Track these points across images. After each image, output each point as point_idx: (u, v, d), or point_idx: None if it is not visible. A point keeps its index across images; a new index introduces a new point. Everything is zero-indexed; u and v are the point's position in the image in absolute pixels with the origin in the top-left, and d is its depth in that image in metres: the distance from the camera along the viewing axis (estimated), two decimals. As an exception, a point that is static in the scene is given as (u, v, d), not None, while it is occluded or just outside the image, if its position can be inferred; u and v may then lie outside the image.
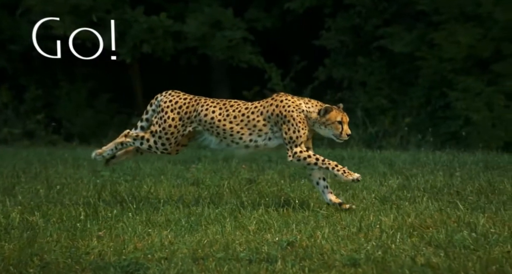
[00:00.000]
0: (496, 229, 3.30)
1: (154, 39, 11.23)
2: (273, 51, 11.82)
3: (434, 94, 10.03)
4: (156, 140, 3.93)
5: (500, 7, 8.89)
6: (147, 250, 2.83)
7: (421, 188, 4.43)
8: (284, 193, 4.18)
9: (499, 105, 8.98)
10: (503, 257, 2.84)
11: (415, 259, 2.80)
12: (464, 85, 9.26)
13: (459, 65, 9.36)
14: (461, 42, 9.15)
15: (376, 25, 10.48)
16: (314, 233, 3.23)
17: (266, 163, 5.82)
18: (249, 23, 11.67)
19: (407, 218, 3.56)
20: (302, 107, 3.80)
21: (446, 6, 9.44)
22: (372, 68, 10.66)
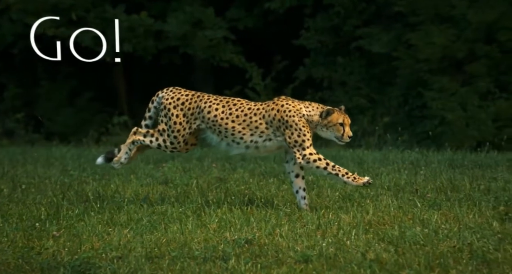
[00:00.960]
0: (447, 225, 3.43)
1: (135, 38, 11.25)
2: (254, 51, 11.91)
3: (411, 94, 10.20)
4: (165, 138, 3.90)
5: (473, 9, 9.09)
6: (103, 249, 2.87)
7: (385, 186, 4.55)
8: (250, 192, 4.26)
9: (473, 105, 9.17)
10: (448, 251, 2.97)
11: (365, 255, 2.91)
12: (439, 86, 9.44)
13: (434, 65, 9.53)
14: (436, 43, 9.32)
15: (355, 25, 10.62)
16: (274, 230, 3.31)
17: (239, 162, 5.91)
18: (230, 23, 11.73)
19: (365, 215, 3.67)
20: (302, 111, 3.81)
21: (422, 7, 9.61)
22: (351, 68, 10.81)
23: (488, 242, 3.06)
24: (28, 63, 11.70)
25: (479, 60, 9.18)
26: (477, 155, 6.52)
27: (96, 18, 11.16)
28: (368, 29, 10.38)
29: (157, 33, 11.55)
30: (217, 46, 11.44)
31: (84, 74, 11.99)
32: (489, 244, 3.04)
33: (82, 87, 12.04)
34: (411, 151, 6.88)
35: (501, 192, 4.16)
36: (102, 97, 12.08)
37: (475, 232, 3.27)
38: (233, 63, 11.38)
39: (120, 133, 11.04)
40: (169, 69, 13.30)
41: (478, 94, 9.18)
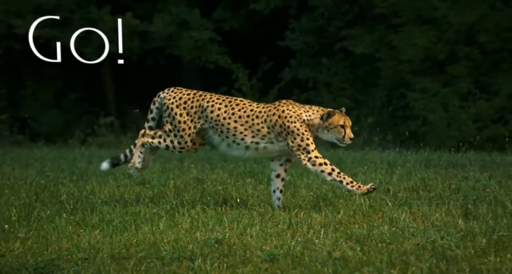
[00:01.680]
0: (415, 224, 3.51)
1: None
2: (241, 52, 11.97)
3: (394, 94, 10.31)
4: (172, 138, 3.90)
5: (454, 11, 9.22)
6: (70, 250, 2.88)
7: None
8: (226, 192, 4.31)
9: (454, 105, 9.30)
10: (411, 249, 3.05)
11: (331, 253, 2.98)
12: (421, 86, 9.56)
13: (416, 66, 9.65)
14: (418, 44, 9.44)
15: (339, 26, 10.72)
16: (245, 230, 3.35)
17: (220, 162, 5.96)
18: (216, 24, 11.79)
19: (336, 214, 3.75)
20: (303, 117, 3.80)
21: (404, 9, 9.72)
22: (336, 69, 10.91)
23: (450, 240, 3.15)
24: (12, 64, 11.65)
25: (460, 61, 9.32)
26: (453, 154, 6.63)
27: (82, 19, 11.16)
28: (352, 31, 10.48)
29: (142, 34, 11.56)
30: (202, 47, 11.49)
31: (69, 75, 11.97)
32: (451, 241, 3.12)
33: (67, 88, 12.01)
34: (390, 150, 6.97)
35: (470, 191, 4.26)
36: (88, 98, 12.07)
37: (440, 230, 3.35)
38: (219, 64, 11.43)
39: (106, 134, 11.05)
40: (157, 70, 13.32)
41: (459, 95, 9.31)
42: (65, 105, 12.10)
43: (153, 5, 11.93)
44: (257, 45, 12.01)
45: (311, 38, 11.14)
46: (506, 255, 2.89)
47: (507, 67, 9.19)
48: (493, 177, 4.70)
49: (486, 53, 9.23)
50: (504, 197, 3.98)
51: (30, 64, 11.79)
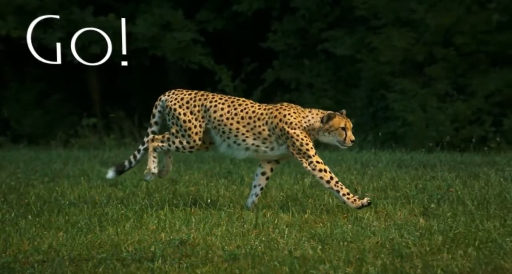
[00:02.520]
0: (377, 223, 3.61)
1: (102, 40, 11.26)
2: (224, 53, 12.03)
3: (375, 95, 10.45)
4: (180, 139, 3.89)
5: (431, 13, 9.37)
6: (29, 253, 2.89)
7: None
8: (198, 193, 4.37)
9: (432, 107, 9.45)
10: (370, 247, 3.14)
11: (292, 252, 3.06)
12: (401, 87, 9.70)
13: (396, 68, 9.79)
14: (397, 46, 9.58)
15: (320, 28, 10.83)
16: (211, 231, 3.40)
17: (196, 163, 6.02)
18: (199, 25, 11.84)
19: (303, 214, 3.83)
20: (303, 124, 3.81)
21: (383, 11, 9.86)
22: (318, 70, 11.02)
23: (408, 238, 3.24)
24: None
25: (438, 63, 9.47)
26: (426, 155, 6.77)
27: (64, 20, 11.15)
28: (333, 32, 10.60)
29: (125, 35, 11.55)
30: (186, 48, 11.53)
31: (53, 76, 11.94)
32: (409, 239, 3.22)
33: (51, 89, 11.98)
34: (366, 151, 7.08)
35: (435, 190, 4.37)
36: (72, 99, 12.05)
37: (400, 228, 3.45)
38: (202, 65, 11.49)
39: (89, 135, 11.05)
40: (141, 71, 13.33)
41: (437, 96, 9.46)
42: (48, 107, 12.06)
43: (137, 6, 11.95)
44: (240, 47, 12.09)
45: (293, 39, 11.24)
46: (458, 252, 3.00)
47: (483, 69, 9.37)
48: (459, 177, 4.82)
49: (463, 55, 9.40)
50: (466, 196, 4.10)
51: (13, 65, 11.74)
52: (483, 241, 3.14)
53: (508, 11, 9.16)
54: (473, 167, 5.29)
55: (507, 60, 9.34)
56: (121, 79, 13.13)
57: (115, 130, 11.15)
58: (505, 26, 9.20)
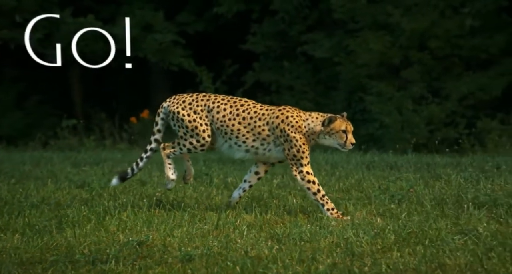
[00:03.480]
0: (335, 222, 3.69)
1: (82, 41, 11.24)
2: (205, 55, 12.08)
3: (353, 98, 10.58)
4: (189, 140, 3.90)
5: (407, 17, 9.53)
6: None
7: (298, 186, 4.79)
8: (163, 194, 4.41)
9: (408, 109, 9.60)
10: (326, 246, 3.22)
11: (247, 252, 3.12)
12: (377, 90, 9.84)
13: (372, 71, 9.93)
14: (373, 49, 9.72)
15: (299, 31, 10.94)
16: (171, 232, 3.43)
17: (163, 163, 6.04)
18: (180, 27, 11.88)
19: (265, 215, 3.89)
20: (303, 129, 3.82)
21: (360, 15, 10.00)
22: (298, 72, 11.12)
23: (363, 237, 3.33)
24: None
25: (413, 66, 9.63)
26: (396, 156, 6.88)
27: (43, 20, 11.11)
28: (312, 35, 10.71)
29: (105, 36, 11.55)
30: (166, 50, 11.56)
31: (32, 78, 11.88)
32: (362, 239, 3.31)
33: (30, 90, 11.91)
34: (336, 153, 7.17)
35: (398, 191, 4.47)
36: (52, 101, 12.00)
37: (357, 228, 3.53)
38: (182, 67, 11.52)
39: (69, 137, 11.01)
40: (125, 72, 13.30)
41: (412, 99, 9.62)
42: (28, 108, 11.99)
43: (118, 7, 11.95)
44: (221, 48, 12.15)
45: (272, 42, 11.33)
46: (406, 250, 3.09)
47: (457, 72, 9.54)
48: (423, 178, 4.93)
49: (437, 59, 9.57)
50: (426, 197, 4.20)
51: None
52: (433, 240, 3.24)
53: (480, 16, 9.36)
54: (437, 168, 5.40)
55: (479, 64, 9.54)
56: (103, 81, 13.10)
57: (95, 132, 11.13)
58: (478, 30, 9.39)
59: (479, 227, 3.38)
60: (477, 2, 9.30)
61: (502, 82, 9.24)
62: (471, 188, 4.35)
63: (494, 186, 4.39)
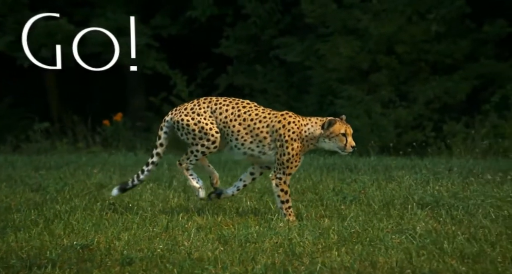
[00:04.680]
0: (283, 224, 3.76)
1: (53, 43, 11.18)
2: (179, 58, 12.11)
3: (325, 101, 10.72)
4: (201, 143, 3.89)
5: (375, 22, 9.71)
6: None
7: (255, 189, 4.86)
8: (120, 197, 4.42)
9: (376, 113, 9.77)
10: (269, 247, 3.29)
11: (190, 255, 3.15)
12: (347, 94, 9.99)
13: (342, 75, 10.08)
14: (343, 53, 9.88)
15: (272, 35, 11.06)
16: (118, 235, 3.44)
17: (130, 167, 6.07)
18: (154, 30, 11.90)
19: (216, 217, 3.95)
20: (303, 135, 3.83)
21: (331, 20, 10.16)
22: (271, 76, 11.22)
23: (306, 238, 3.41)
24: None
25: (381, 70, 9.81)
26: (357, 159, 7.00)
27: (14, 23, 11.04)
28: (284, 39, 10.83)
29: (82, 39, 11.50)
30: (140, 53, 11.56)
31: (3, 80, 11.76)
32: (305, 239, 3.39)
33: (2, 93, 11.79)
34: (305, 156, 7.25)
35: (350, 192, 4.57)
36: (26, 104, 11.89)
37: (303, 228, 3.61)
38: (156, 70, 11.54)
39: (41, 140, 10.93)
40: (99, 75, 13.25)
41: (381, 103, 9.79)
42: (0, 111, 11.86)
43: (91, 10, 11.92)
44: (196, 52, 12.19)
45: (245, 45, 11.43)
46: (343, 249, 3.18)
47: (424, 76, 9.75)
48: (377, 180, 5.05)
49: (404, 63, 9.77)
50: (375, 198, 4.31)
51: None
52: (372, 239, 3.34)
53: (445, 22, 9.59)
54: (394, 170, 5.53)
55: (445, 69, 9.76)
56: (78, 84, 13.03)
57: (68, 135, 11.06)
58: (443, 36, 9.62)
59: (418, 226, 3.49)
60: (442, 8, 9.53)
61: (467, 86, 9.47)
62: (420, 189, 4.47)
63: (441, 187, 4.52)
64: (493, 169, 5.36)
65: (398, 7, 9.62)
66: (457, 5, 9.43)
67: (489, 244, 3.13)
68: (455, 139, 9.00)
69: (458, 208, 3.90)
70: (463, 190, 4.42)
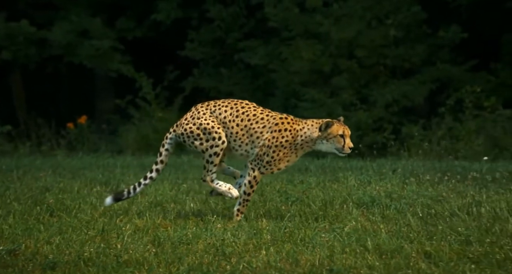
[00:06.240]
0: (221, 225, 3.80)
1: (14, 45, 11.05)
2: (146, 61, 12.07)
3: (289, 104, 10.84)
4: (210, 144, 3.85)
5: (336, 27, 9.88)
6: None
7: (203, 190, 4.89)
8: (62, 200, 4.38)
9: (338, 115, 9.91)
10: (201, 248, 3.32)
11: (120, 257, 3.14)
12: (310, 97, 10.13)
13: (305, 78, 10.22)
14: (304, 57, 10.02)
15: (237, 38, 11.14)
16: (50, 239, 3.39)
17: (80, 170, 6.02)
18: (119, 33, 11.84)
19: (156, 219, 3.95)
20: (298, 140, 3.81)
21: (293, 24, 10.29)
22: (236, 79, 11.28)
23: (238, 238, 3.46)
24: None
25: (342, 74, 9.97)
26: (312, 160, 7.10)
27: (-27, 25, 10.85)
28: (249, 42, 10.93)
29: (39, 41, 11.40)
30: (104, 55, 11.48)
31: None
32: (237, 239, 3.43)
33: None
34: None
35: (294, 193, 4.64)
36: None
37: (238, 229, 3.66)
38: (121, 73, 11.47)
39: (3, 143, 10.73)
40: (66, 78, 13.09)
41: (342, 106, 9.94)
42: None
43: (55, 13, 11.80)
44: (161, 55, 12.18)
45: (210, 49, 11.47)
46: (272, 249, 3.24)
47: (383, 80, 9.96)
48: (323, 181, 5.14)
49: (364, 67, 9.96)
50: (316, 198, 4.40)
51: None
52: (303, 238, 3.41)
53: (402, 27, 9.83)
54: (341, 172, 5.64)
55: (403, 73, 10.00)
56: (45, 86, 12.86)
57: (31, 137, 10.90)
58: (401, 41, 9.85)
59: (348, 225, 3.58)
60: (400, 14, 9.76)
61: (424, 90, 9.71)
62: (360, 190, 4.58)
63: (380, 188, 4.64)
64: (435, 170, 5.51)
65: (358, 12, 9.82)
66: (413, 11, 9.68)
67: (408, 241, 3.24)
68: (413, 141, 9.21)
69: (390, 207, 4.01)
70: (401, 190, 4.55)
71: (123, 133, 10.98)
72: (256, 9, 10.99)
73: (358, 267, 2.87)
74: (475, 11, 9.97)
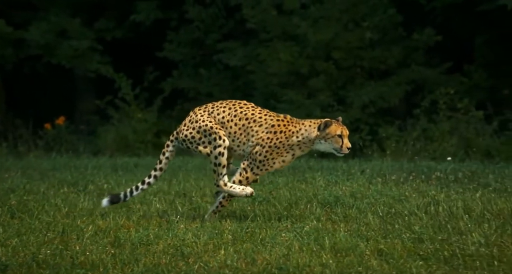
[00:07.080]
0: (184, 225, 3.82)
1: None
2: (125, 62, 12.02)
3: (269, 105, 10.86)
4: (213, 145, 3.83)
5: (313, 29, 9.96)
6: None
7: (172, 191, 4.89)
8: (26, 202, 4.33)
9: (316, 117, 9.98)
10: (162, 249, 3.32)
11: (76, 259, 3.08)
12: (288, 98, 10.18)
13: (282, 79, 10.27)
14: (282, 59, 10.07)
15: (216, 39, 11.15)
16: (7, 240, 3.36)
17: (51, 171, 5.97)
18: (98, 33, 11.78)
19: (119, 220, 3.94)
20: (294, 140, 3.81)
21: (271, 25, 10.35)
22: (216, 80, 11.29)
23: (199, 238, 3.47)
24: None
25: (319, 75, 10.05)
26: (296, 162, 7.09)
27: None
28: (228, 44, 10.95)
29: (17, 41, 11.29)
30: (82, 56, 11.41)
31: None
32: (198, 240, 3.44)
33: None
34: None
35: (262, 194, 4.66)
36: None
37: (200, 229, 3.67)
38: (100, 73, 11.41)
39: (-17, 145, 10.59)
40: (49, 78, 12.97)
41: (320, 107, 10.02)
42: None
43: (34, 13, 11.69)
44: (141, 56, 12.13)
45: (189, 49, 11.46)
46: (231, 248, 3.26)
47: (360, 82, 10.06)
48: (291, 181, 5.18)
49: (341, 69, 10.05)
50: (283, 198, 4.43)
51: None
52: (264, 238, 3.43)
53: (378, 29, 9.94)
54: (310, 172, 5.68)
55: (379, 75, 10.11)
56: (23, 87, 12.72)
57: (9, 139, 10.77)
58: (376, 43, 9.96)
59: (308, 224, 3.62)
60: (376, 16, 9.87)
61: (399, 91, 9.83)
62: (327, 190, 4.62)
63: (346, 188, 4.69)
64: (402, 170, 5.59)
65: (335, 14, 9.90)
66: (389, 14, 9.80)
67: (364, 239, 3.29)
68: (389, 141, 9.31)
69: (353, 206, 4.05)
70: (366, 190, 4.60)
71: (101, 134, 10.92)
72: (235, 11, 11.02)
73: (312, 265, 2.91)
74: (449, 14, 10.13)
